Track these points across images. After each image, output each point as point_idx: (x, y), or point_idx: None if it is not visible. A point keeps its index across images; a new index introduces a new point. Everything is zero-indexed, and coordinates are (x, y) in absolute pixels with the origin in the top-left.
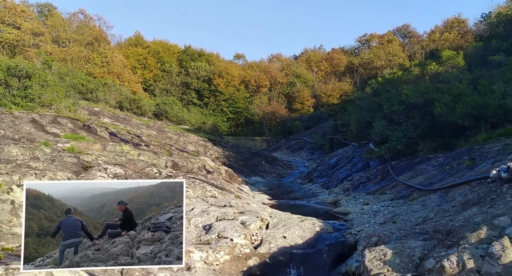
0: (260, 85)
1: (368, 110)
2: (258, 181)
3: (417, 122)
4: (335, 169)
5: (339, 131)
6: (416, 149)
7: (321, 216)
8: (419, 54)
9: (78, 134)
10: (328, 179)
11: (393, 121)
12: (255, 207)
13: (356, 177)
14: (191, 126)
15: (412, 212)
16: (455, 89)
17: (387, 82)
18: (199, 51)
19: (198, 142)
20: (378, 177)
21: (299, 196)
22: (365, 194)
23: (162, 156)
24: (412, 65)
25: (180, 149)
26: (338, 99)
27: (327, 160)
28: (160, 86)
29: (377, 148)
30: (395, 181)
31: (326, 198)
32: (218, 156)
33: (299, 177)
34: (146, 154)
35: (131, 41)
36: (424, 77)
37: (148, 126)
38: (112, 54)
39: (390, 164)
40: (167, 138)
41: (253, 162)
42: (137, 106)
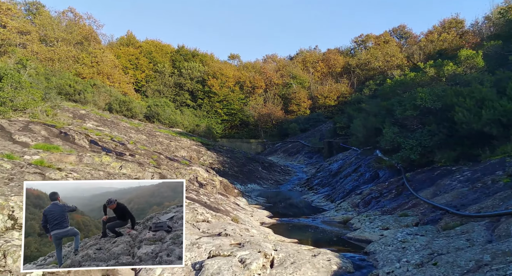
0: (255, 86)
1: (376, 116)
2: (255, 189)
3: (433, 130)
4: (338, 178)
5: (338, 134)
6: (432, 159)
7: (333, 243)
8: (417, 55)
9: (52, 143)
10: (332, 188)
11: (406, 128)
12: (256, 233)
13: (365, 190)
14: (184, 129)
15: (456, 249)
16: (478, 93)
17: (397, 85)
18: (192, 51)
19: (191, 147)
20: (392, 192)
21: (302, 212)
22: (380, 213)
23: (148, 168)
24: (426, 66)
25: (170, 158)
26: (335, 101)
27: (326, 165)
28: (153, 87)
29: (386, 156)
30: (415, 198)
31: (334, 215)
32: (212, 162)
33: (297, 184)
34: (129, 166)
35: (123, 41)
36: (440, 79)
37: (138, 130)
38: (102, 54)
39: (405, 177)
40: (157, 143)
41: (249, 168)
42: (127, 109)
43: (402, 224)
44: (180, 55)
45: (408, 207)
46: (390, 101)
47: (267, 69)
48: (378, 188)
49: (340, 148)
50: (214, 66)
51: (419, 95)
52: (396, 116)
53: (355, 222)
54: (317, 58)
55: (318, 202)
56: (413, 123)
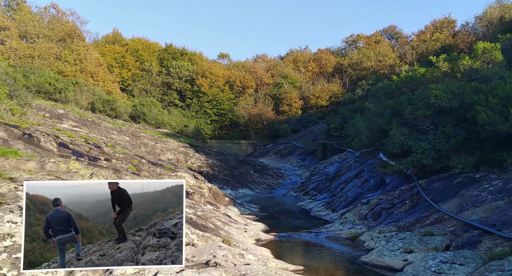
0: (246, 86)
1: (381, 116)
2: (247, 194)
3: (449, 131)
4: (337, 183)
5: (331, 135)
6: (447, 164)
7: (348, 272)
8: (410, 55)
9: (11, 147)
10: (331, 195)
11: (417, 129)
12: (252, 260)
13: (373, 199)
14: (172, 130)
15: None
16: (501, 90)
17: (406, 81)
18: (181, 49)
19: (178, 149)
20: (406, 202)
21: (302, 223)
22: (395, 228)
23: (126, 175)
24: (439, 60)
25: (153, 162)
26: (328, 101)
27: (321, 168)
28: (139, 86)
29: (393, 161)
30: (436, 211)
31: (339, 230)
32: (201, 165)
33: (291, 188)
34: (102, 173)
35: (108, 39)
36: (454, 74)
37: (121, 131)
38: (87, 51)
39: (420, 185)
40: (141, 145)
41: (240, 171)
42: (111, 108)
43: (429, 247)
44: (168, 53)
45: (429, 222)
46: (398, 100)
47: (257, 68)
48: (388, 197)
49: (335, 149)
50: (203, 65)
51: (433, 92)
52: (406, 116)
53: (367, 240)
54: (308, 58)
55: (318, 210)
56: (425, 124)
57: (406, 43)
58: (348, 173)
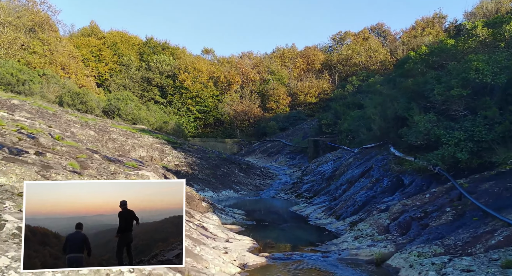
0: (231, 82)
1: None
2: (231, 196)
3: (493, 116)
4: (337, 183)
5: (323, 132)
6: (490, 159)
7: None
8: (401, 51)
9: None
10: (331, 198)
11: (446, 115)
12: None
13: (394, 205)
14: (150, 126)
15: None
16: None
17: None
18: (162, 43)
19: (152, 145)
20: (446, 211)
21: (301, 236)
22: (442, 249)
23: (58, 174)
24: (477, 25)
25: (110, 158)
26: (317, 98)
27: (314, 167)
28: (117, 81)
29: (410, 156)
30: (500, 224)
31: (354, 247)
32: (179, 163)
33: (282, 190)
34: (17, 171)
35: (85, 32)
36: (497, 44)
37: (86, 125)
38: (59, 43)
39: (461, 187)
40: (109, 140)
41: (223, 170)
42: (82, 102)
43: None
44: (149, 47)
45: (498, 242)
46: (419, 79)
47: (243, 65)
48: (416, 203)
49: (327, 147)
50: (186, 60)
51: (473, 65)
52: (432, 99)
53: (402, 266)
54: (295, 54)
55: (317, 218)
56: (458, 109)
57: (395, 40)
58: (349, 172)
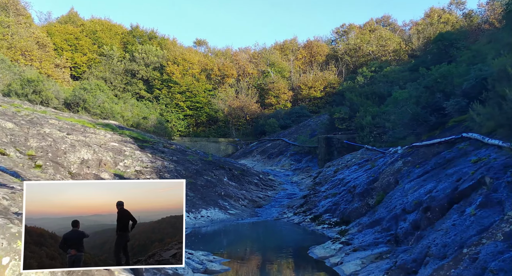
0: (226, 74)
1: None
2: (214, 219)
3: None
4: (391, 205)
5: (336, 128)
6: None
7: None
8: (416, 39)
9: None
10: (388, 237)
11: None
12: None
13: None
14: (124, 122)
15: None
16: None
17: None
18: (149, 33)
19: (107, 144)
20: None
21: None
22: None
23: None
24: None
25: None
26: (322, 92)
27: (330, 173)
28: (96, 73)
29: None
30: None
31: None
32: (141, 170)
33: (288, 206)
34: None
35: (63, 20)
36: None
37: (4, 114)
38: (26, 28)
39: None
40: (35, 136)
41: (207, 179)
42: (35, 91)
43: None
44: (134, 37)
45: None
46: None
47: (239, 58)
48: None
49: (344, 146)
50: (175, 50)
51: None
52: None
53: None
54: (297, 46)
55: None
56: None
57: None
58: (409, 186)
